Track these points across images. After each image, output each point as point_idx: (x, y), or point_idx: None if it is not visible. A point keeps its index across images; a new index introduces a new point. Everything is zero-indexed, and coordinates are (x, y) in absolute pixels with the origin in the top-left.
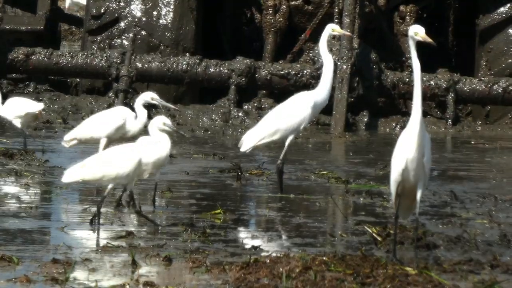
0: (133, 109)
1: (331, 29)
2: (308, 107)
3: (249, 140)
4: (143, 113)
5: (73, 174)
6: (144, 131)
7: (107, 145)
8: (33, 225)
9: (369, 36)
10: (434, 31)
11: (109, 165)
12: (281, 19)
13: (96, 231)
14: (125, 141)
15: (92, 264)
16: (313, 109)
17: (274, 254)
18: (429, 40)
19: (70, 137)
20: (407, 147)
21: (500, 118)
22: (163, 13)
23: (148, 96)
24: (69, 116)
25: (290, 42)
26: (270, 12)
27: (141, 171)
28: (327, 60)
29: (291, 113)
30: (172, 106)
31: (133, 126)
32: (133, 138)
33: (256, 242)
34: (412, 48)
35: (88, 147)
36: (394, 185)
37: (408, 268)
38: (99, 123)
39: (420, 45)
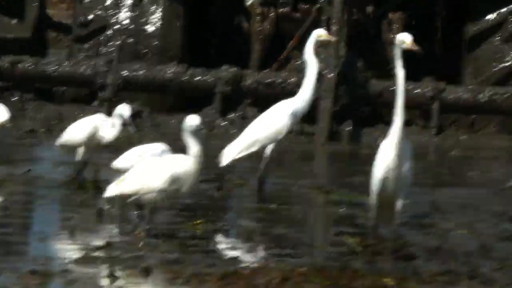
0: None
1: (317, 35)
2: (286, 116)
3: (228, 154)
4: (119, 123)
5: (113, 188)
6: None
7: (85, 153)
8: (12, 236)
9: (357, 44)
10: (422, 39)
11: (144, 178)
12: (268, 26)
13: (75, 242)
14: (103, 148)
15: (71, 275)
16: (292, 117)
17: (253, 265)
18: (415, 47)
19: (59, 143)
20: (387, 156)
21: (485, 127)
22: (149, 21)
23: (121, 109)
24: (54, 125)
25: (278, 50)
26: (258, 19)
27: (177, 185)
28: (311, 65)
29: (268, 123)
30: (133, 127)
31: (107, 133)
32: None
33: (236, 253)
34: (398, 56)
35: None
36: (374, 195)
37: (387, 279)
38: (75, 131)
39: (407, 53)
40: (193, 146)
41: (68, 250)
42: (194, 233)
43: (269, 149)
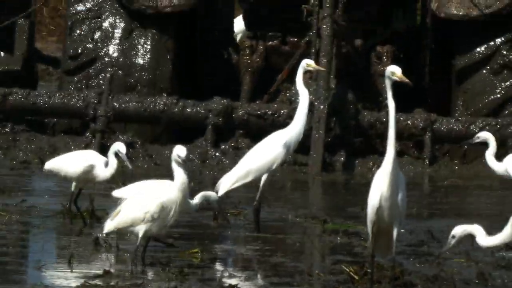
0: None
1: (306, 64)
2: (279, 147)
3: (224, 184)
4: (114, 161)
5: (109, 224)
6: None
7: (78, 186)
8: (10, 265)
9: (346, 77)
10: (410, 72)
11: (135, 209)
12: (257, 59)
13: (73, 270)
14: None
15: None
16: (285, 147)
17: None
18: (405, 80)
19: (49, 168)
20: (381, 186)
21: (477, 157)
22: (139, 53)
23: (117, 147)
24: (46, 156)
25: (267, 83)
26: (247, 52)
27: (166, 213)
28: (303, 96)
29: (262, 154)
30: (129, 164)
31: (102, 173)
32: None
33: (234, 281)
34: (388, 88)
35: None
36: (370, 224)
37: None
38: (69, 165)
39: (396, 85)
40: (180, 176)
41: (66, 278)
42: (191, 261)
43: (262, 180)
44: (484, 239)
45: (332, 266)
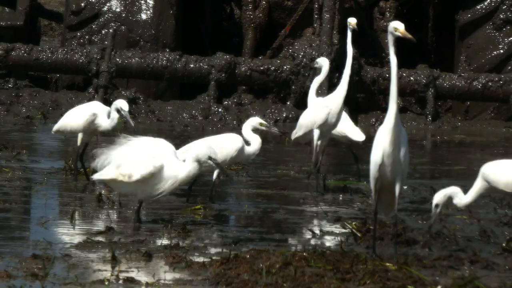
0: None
1: (349, 23)
2: (320, 107)
3: (292, 134)
4: (115, 114)
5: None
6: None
7: (84, 139)
8: (13, 221)
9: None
10: (414, 27)
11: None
12: (260, 14)
13: (75, 227)
14: (100, 135)
15: (72, 259)
16: (325, 109)
17: (254, 250)
18: (408, 36)
19: (56, 128)
20: (383, 142)
21: (480, 113)
22: (143, 8)
23: (119, 105)
24: (49, 112)
25: (270, 38)
26: (250, 7)
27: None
28: (349, 58)
29: (307, 112)
30: (131, 122)
31: (104, 122)
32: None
33: (236, 238)
34: (391, 44)
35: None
36: (372, 181)
37: (388, 264)
38: (74, 117)
39: (399, 41)
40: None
41: (69, 235)
42: (194, 218)
43: (314, 137)
44: (460, 201)
45: (336, 222)
